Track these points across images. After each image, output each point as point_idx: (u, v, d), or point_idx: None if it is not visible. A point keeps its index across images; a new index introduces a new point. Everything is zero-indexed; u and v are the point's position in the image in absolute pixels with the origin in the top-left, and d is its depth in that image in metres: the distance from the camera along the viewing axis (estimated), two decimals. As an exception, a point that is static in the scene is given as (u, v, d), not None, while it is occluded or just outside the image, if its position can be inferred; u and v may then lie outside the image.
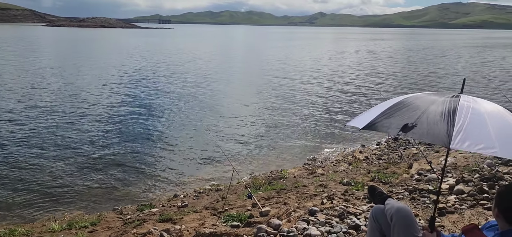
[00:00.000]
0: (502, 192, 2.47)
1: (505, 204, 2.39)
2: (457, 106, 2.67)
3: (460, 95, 2.86)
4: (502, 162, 7.70)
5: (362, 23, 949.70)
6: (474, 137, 2.43)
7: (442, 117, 2.63)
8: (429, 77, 30.10)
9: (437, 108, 2.73)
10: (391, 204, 2.92)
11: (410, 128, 2.62)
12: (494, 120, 2.60)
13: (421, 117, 2.69)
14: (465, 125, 2.51)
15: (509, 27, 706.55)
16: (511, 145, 2.46)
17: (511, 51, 63.81)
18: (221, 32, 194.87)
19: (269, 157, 11.88)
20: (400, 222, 2.72)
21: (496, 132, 2.49)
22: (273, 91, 22.41)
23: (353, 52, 56.43)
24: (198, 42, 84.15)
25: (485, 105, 2.79)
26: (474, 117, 2.59)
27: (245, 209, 6.13)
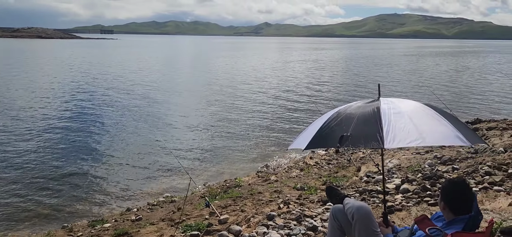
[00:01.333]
0: (446, 187, 2.75)
1: (449, 197, 2.66)
2: (380, 109, 2.94)
3: (380, 99, 3.16)
4: (441, 162, 8.31)
5: (306, 33, 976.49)
6: (402, 134, 2.71)
7: (370, 123, 2.88)
8: (368, 84, 31.53)
9: (364, 115, 2.99)
10: (351, 203, 3.10)
11: (346, 138, 2.86)
12: (414, 116, 2.91)
13: (353, 126, 2.94)
14: (392, 125, 2.78)
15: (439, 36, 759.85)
16: (433, 133, 2.79)
17: (441, 59, 68.51)
18: (167, 42, 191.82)
19: (222, 167, 11.90)
20: (361, 220, 2.90)
21: (419, 126, 2.79)
22: (222, 101, 22.44)
23: (298, 62, 57.84)
24: (143, 52, 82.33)
25: (403, 104, 3.11)
26: (396, 116, 2.88)
27: (203, 218, 6.13)
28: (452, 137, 2.77)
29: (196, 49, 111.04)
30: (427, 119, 2.92)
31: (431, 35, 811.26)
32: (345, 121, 3.07)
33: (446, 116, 2.99)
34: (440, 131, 2.82)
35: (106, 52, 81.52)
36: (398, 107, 2.99)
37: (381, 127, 2.78)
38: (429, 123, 2.89)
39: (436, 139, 2.84)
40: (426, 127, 2.83)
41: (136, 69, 41.99)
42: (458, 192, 2.67)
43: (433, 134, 2.80)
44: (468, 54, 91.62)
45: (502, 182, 6.32)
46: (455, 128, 2.82)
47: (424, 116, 2.96)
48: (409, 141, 2.70)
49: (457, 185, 2.73)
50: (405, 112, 2.94)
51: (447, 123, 2.87)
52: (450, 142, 2.87)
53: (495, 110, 19.97)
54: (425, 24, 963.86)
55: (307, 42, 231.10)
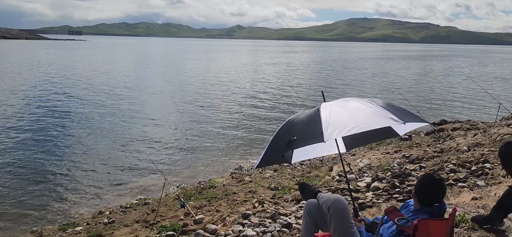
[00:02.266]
0: (421, 179, 2.95)
1: (420, 188, 2.85)
2: (320, 110, 3.25)
3: (322, 103, 3.44)
4: (409, 161, 8.62)
5: (278, 36, 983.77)
6: (339, 126, 3.00)
7: (313, 121, 3.18)
8: (338, 87, 32.11)
9: (309, 117, 3.29)
10: (327, 197, 3.21)
11: (293, 141, 3.09)
12: (352, 110, 3.23)
13: (299, 130, 3.24)
14: (329, 119, 3.08)
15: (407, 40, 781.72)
16: (367, 119, 3.11)
17: (408, 62, 70.57)
18: (138, 44, 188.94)
19: (195, 169, 11.89)
20: (337, 212, 3.02)
21: (355, 116, 3.10)
22: (194, 104, 22.31)
23: (270, 65, 58.18)
24: (113, 54, 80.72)
25: (341, 103, 3.43)
26: (334, 111, 3.20)
27: (178, 219, 6.15)
28: (385, 119, 3.08)
29: (167, 51, 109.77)
30: (364, 110, 3.23)
31: (399, 39, 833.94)
32: (292, 127, 3.37)
33: (385, 106, 3.31)
34: (374, 117, 3.13)
35: (74, 53, 79.41)
36: (337, 105, 3.34)
37: (320, 123, 3.07)
38: (366, 112, 3.20)
39: (370, 123, 3.10)
40: (362, 115, 3.14)
41: (106, 71, 41.12)
42: (428, 186, 2.86)
43: (367, 120, 3.10)
44: (434, 57, 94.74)
45: (466, 178, 6.64)
46: (390, 112, 3.13)
47: (363, 108, 3.27)
48: (346, 129, 2.94)
49: (429, 179, 2.94)
50: (344, 107, 3.28)
51: (381, 110, 3.20)
52: (383, 123, 3.15)
53: (460, 112, 20.78)
54: (394, 28, 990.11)
55: (279, 45, 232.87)
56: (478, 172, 6.90)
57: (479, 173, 6.84)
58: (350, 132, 2.92)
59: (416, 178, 7.20)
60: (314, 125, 3.13)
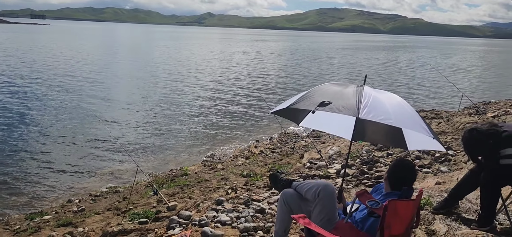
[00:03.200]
0: (394, 164, 3.10)
1: (391, 172, 2.98)
2: (363, 91, 3.31)
3: (364, 85, 3.47)
4: (377, 148, 8.88)
5: (249, 24, 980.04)
6: (376, 111, 3.07)
7: (352, 96, 3.24)
8: (309, 75, 32.52)
9: (348, 91, 3.36)
10: (315, 183, 3.24)
11: (326, 104, 3.13)
12: (390, 102, 3.31)
13: (334, 97, 3.27)
14: (369, 102, 3.14)
15: (375, 31, 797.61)
16: (401, 117, 3.21)
17: (376, 53, 72.09)
18: (105, 29, 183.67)
19: (166, 157, 11.82)
20: (326, 197, 3.08)
21: (392, 110, 3.18)
22: (163, 92, 22.00)
23: (241, 53, 58.10)
24: (79, 39, 78.16)
25: (383, 93, 3.50)
26: (375, 99, 3.25)
27: (151, 206, 6.14)
28: (419, 126, 3.18)
29: (136, 38, 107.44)
30: (403, 108, 3.34)
31: (368, 29, 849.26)
32: (327, 92, 3.39)
33: (420, 116, 3.43)
34: (410, 119, 3.25)
35: (37, 38, 76.46)
36: (378, 95, 3.37)
37: (360, 102, 3.14)
38: (404, 111, 3.30)
39: (404, 123, 3.23)
40: (400, 112, 3.24)
41: (71, 57, 39.77)
42: (399, 171, 3.00)
43: (403, 118, 3.22)
44: (401, 48, 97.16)
45: (430, 165, 6.94)
46: (424, 123, 3.26)
47: (403, 106, 3.37)
48: (381, 118, 3.02)
49: (402, 165, 3.08)
50: (383, 98, 3.33)
51: (418, 118, 3.32)
52: (415, 129, 3.22)
53: (425, 102, 21.50)
54: (363, 19, 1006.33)
55: (250, 34, 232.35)
56: (442, 158, 7.22)
57: (442, 160, 7.15)
58: (384, 121, 3.02)
59: (384, 165, 7.46)
60: (352, 99, 3.18)
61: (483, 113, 12.14)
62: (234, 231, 4.27)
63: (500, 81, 35.13)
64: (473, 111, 12.94)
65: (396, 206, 2.38)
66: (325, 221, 3.00)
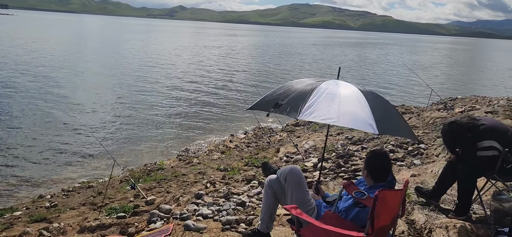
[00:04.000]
0: (369, 157, 3.13)
1: (370, 166, 3.03)
2: (316, 88, 3.26)
3: (330, 80, 3.46)
4: (352, 142, 9.06)
5: (221, 18, 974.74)
6: (320, 111, 3.04)
7: (302, 96, 3.20)
8: (280, 71, 32.68)
9: (306, 89, 3.29)
10: (284, 168, 3.40)
11: (279, 105, 3.17)
12: (345, 100, 3.20)
13: (290, 97, 3.26)
14: (316, 102, 3.11)
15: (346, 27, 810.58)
16: (350, 119, 3.10)
17: (347, 49, 73.27)
18: (72, 21, 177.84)
19: (140, 151, 11.65)
20: (293, 180, 3.21)
21: (342, 108, 3.10)
22: (135, 86, 21.60)
23: (214, 48, 57.73)
24: (44, 30, 75.56)
25: (345, 88, 3.40)
26: (327, 96, 3.19)
27: (128, 200, 6.03)
28: (363, 123, 3.06)
29: (105, 30, 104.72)
30: (353, 105, 3.18)
31: (339, 26, 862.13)
32: (287, 92, 3.37)
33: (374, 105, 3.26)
34: (356, 117, 3.10)
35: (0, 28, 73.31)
36: (337, 90, 3.29)
37: (305, 101, 3.10)
38: (353, 108, 3.15)
39: (346, 122, 3.13)
40: (347, 110, 3.11)
41: (36, 49, 38.14)
42: (378, 163, 3.06)
43: (346, 118, 3.08)
44: (371, 45, 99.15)
45: (404, 158, 7.14)
46: (373, 116, 3.07)
47: (354, 101, 3.22)
48: (322, 118, 3.01)
49: (378, 157, 3.14)
50: (338, 95, 3.23)
51: (367, 111, 3.13)
52: (360, 127, 3.16)
53: (395, 97, 22.04)
54: (334, 15, 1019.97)
55: (223, 28, 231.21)
56: (414, 152, 7.44)
57: (415, 153, 7.37)
58: (323, 121, 3.01)
59: (359, 158, 7.61)
60: (300, 99, 3.16)
61: (451, 109, 12.58)
62: (216, 224, 4.27)
63: (465, 78, 36.45)
64: (441, 107, 13.39)
65: (385, 196, 2.44)
66: (299, 204, 3.07)
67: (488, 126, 3.83)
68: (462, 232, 3.46)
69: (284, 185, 3.30)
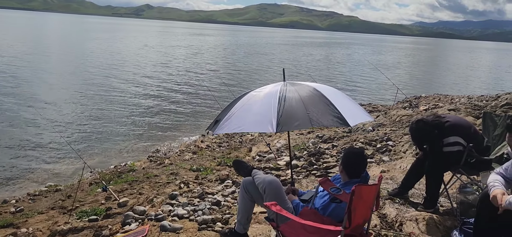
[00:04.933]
0: (346, 154, 3.23)
1: (346, 162, 3.12)
2: (242, 98, 3.47)
3: (249, 92, 3.64)
4: (322, 140, 9.22)
5: (189, 18, 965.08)
6: (232, 123, 3.31)
7: (226, 111, 3.45)
8: (248, 71, 32.75)
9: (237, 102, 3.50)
10: (262, 178, 3.35)
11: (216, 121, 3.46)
12: (258, 105, 3.38)
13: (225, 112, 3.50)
14: (235, 113, 3.36)
15: (313, 27, 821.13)
16: (252, 122, 3.31)
17: (315, 49, 74.24)
18: (32, 19, 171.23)
19: (109, 153, 11.41)
20: (272, 193, 3.18)
21: (251, 113, 3.31)
22: (102, 87, 20.96)
23: (182, 47, 57.10)
24: (3, 28, 72.40)
25: (268, 91, 3.53)
26: (245, 106, 3.41)
27: (99, 203, 5.91)
28: (264, 124, 3.19)
29: (67, 29, 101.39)
30: (262, 107, 3.31)
31: (307, 26, 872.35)
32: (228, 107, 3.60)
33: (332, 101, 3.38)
34: (258, 120, 3.25)
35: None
36: (257, 95, 3.50)
37: (226, 112, 3.34)
38: (260, 111, 3.29)
39: (251, 127, 3.44)
40: (254, 114, 3.29)
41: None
42: (354, 160, 3.16)
43: (251, 123, 3.33)
44: (338, 45, 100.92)
45: (373, 155, 7.34)
46: (276, 116, 3.17)
47: (265, 103, 3.33)
48: (233, 128, 3.31)
49: (354, 154, 3.23)
50: (256, 100, 3.42)
51: (273, 110, 3.23)
52: (260, 129, 3.38)
53: (362, 96, 22.56)
54: (302, 15, 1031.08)
55: (191, 27, 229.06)
56: (383, 149, 7.66)
57: (383, 150, 7.60)
58: (235, 130, 3.32)
59: (330, 156, 7.77)
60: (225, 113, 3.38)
61: (416, 107, 13.02)
62: (193, 224, 4.26)
63: (429, 77, 37.75)
64: (407, 105, 13.83)
65: (361, 191, 2.53)
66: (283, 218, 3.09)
67: (452, 123, 4.03)
68: (431, 224, 3.61)
69: (262, 195, 3.29)
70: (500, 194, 2.68)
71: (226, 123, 3.28)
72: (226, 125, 3.27)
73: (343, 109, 3.30)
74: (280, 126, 3.05)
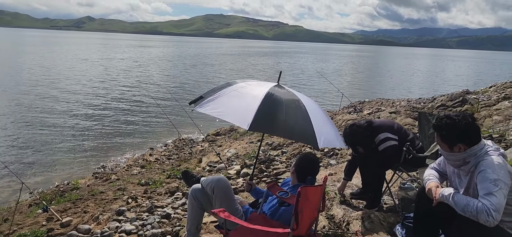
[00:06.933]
0: (300, 158, 3.34)
1: (299, 166, 3.20)
2: (231, 85, 3.39)
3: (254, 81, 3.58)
4: (272, 147, 9.34)
5: (133, 29, 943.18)
6: (214, 105, 3.17)
7: (213, 91, 3.33)
8: (195, 82, 32.51)
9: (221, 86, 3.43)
10: (210, 179, 3.36)
11: (200, 98, 3.30)
12: (244, 98, 3.27)
13: (214, 91, 3.39)
14: (219, 98, 3.24)
15: (260, 37, 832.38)
16: (232, 113, 3.18)
17: (262, 59, 75.22)
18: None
19: (50, 172, 10.83)
20: (220, 191, 3.18)
21: (235, 104, 3.21)
22: (40, 102, 19.84)
23: (127, 59, 55.56)
24: None
25: (256, 86, 3.47)
26: (234, 93, 3.30)
27: (40, 225, 5.58)
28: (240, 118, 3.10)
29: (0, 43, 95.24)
30: (246, 101, 3.22)
31: (253, 35, 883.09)
32: (215, 89, 3.44)
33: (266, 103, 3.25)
34: (238, 113, 3.17)
35: None
36: (247, 86, 3.38)
37: (211, 94, 3.24)
38: (243, 104, 3.20)
39: (228, 117, 3.20)
40: (236, 106, 3.21)
41: None
42: (305, 164, 3.25)
43: (229, 114, 3.16)
44: (285, 54, 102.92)
45: (321, 159, 7.54)
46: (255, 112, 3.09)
47: (251, 98, 3.24)
48: (213, 111, 3.11)
49: (308, 160, 3.32)
50: (244, 92, 3.32)
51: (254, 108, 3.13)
52: (236, 122, 3.25)
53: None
54: (248, 25, 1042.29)
55: (135, 39, 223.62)
56: (330, 153, 7.90)
57: (330, 154, 7.83)
58: (214, 114, 3.08)
59: (280, 162, 7.88)
60: (211, 93, 3.24)
61: (360, 111, 13.57)
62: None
63: (371, 83, 39.46)
64: (352, 110, 14.37)
65: (307, 192, 2.59)
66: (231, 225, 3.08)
67: (378, 123, 4.37)
68: (375, 221, 3.77)
69: (211, 196, 3.26)
70: (435, 187, 2.85)
71: (210, 102, 3.10)
72: (209, 105, 3.09)
73: (318, 129, 3.30)
74: (253, 125, 2.95)
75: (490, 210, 2.43)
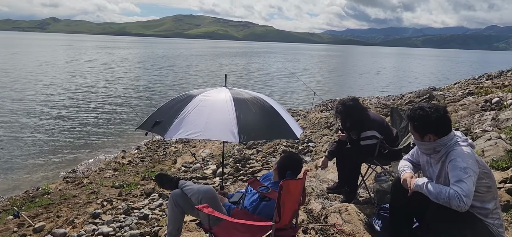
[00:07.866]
0: (284, 157, 3.39)
1: (282, 164, 3.25)
2: (190, 102, 3.29)
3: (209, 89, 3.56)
4: (247, 147, 9.39)
5: (101, 30, 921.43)
6: (188, 126, 3.09)
7: (173, 113, 3.21)
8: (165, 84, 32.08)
9: (181, 105, 3.31)
10: (197, 189, 3.24)
11: (158, 122, 3.25)
12: (216, 111, 3.22)
13: (169, 114, 3.26)
14: (185, 117, 3.15)
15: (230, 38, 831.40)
16: (214, 130, 3.13)
17: (233, 59, 75.16)
18: None
19: (18, 178, 10.45)
20: (210, 201, 3.09)
21: (211, 120, 3.15)
22: (2, 106, 19.14)
23: (94, 61, 54.20)
24: None
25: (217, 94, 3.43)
26: (198, 109, 3.22)
27: (11, 232, 5.41)
28: (226, 133, 3.07)
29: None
30: (222, 114, 3.18)
31: (223, 36, 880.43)
32: (173, 107, 3.32)
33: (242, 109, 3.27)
34: (220, 129, 3.10)
35: None
36: (208, 99, 3.35)
37: (175, 117, 3.12)
38: (220, 118, 3.15)
39: (213, 135, 3.19)
40: (214, 122, 3.14)
41: None
42: (288, 163, 3.28)
43: (212, 131, 3.11)
44: (256, 54, 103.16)
45: (296, 156, 7.65)
46: (237, 124, 3.10)
47: (223, 110, 3.22)
48: (189, 133, 3.05)
49: (291, 158, 3.37)
50: (209, 107, 3.26)
51: (233, 119, 3.14)
52: (223, 138, 3.18)
53: (281, 102, 23.29)
54: (218, 25, 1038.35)
55: (102, 40, 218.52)
56: (305, 150, 8.02)
57: (305, 151, 7.95)
58: (192, 136, 3.03)
59: (255, 161, 7.94)
60: (173, 115, 3.13)
61: (332, 109, 13.80)
62: (120, 241, 4.09)
63: (341, 81, 40.18)
64: (324, 108, 14.60)
65: (288, 185, 2.65)
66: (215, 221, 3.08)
67: (372, 117, 4.40)
68: (352, 213, 3.88)
69: (197, 204, 3.18)
70: (409, 177, 2.98)
71: (179, 126, 3.01)
72: (181, 128, 3.00)
73: (289, 121, 3.37)
74: (242, 136, 2.96)
75: (461, 196, 2.57)
